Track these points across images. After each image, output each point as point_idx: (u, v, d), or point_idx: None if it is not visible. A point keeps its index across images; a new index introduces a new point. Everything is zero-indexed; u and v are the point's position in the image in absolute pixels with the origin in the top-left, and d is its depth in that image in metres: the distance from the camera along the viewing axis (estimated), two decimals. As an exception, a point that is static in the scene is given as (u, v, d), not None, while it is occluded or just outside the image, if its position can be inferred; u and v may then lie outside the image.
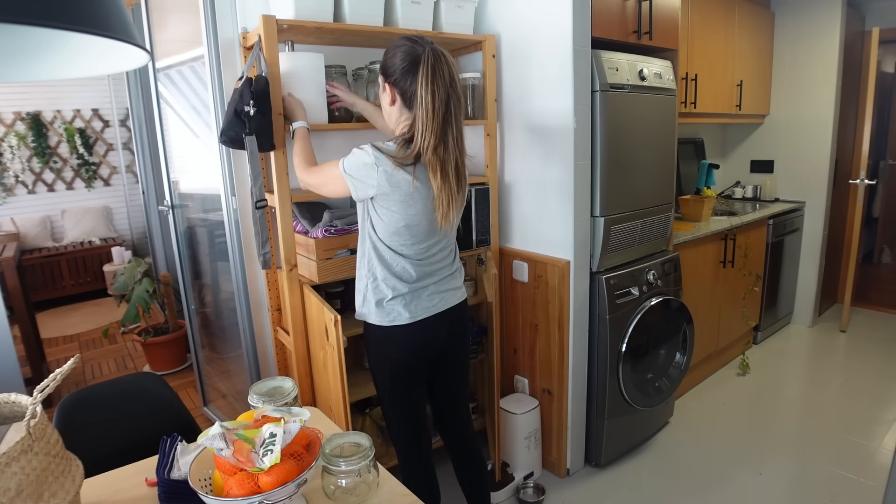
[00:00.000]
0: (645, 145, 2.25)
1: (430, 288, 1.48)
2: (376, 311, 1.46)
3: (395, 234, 1.40)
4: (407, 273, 1.44)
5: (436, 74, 1.29)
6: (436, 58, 1.30)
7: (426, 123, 1.30)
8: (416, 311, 1.46)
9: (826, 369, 3.20)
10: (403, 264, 1.43)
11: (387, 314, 1.45)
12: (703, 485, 2.20)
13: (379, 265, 1.44)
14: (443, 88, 1.30)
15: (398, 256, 1.42)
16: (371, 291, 1.46)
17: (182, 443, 1.14)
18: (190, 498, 0.97)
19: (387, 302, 1.44)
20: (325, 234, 1.82)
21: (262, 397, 1.18)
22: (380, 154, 1.33)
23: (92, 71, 0.87)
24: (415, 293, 1.46)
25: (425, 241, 1.44)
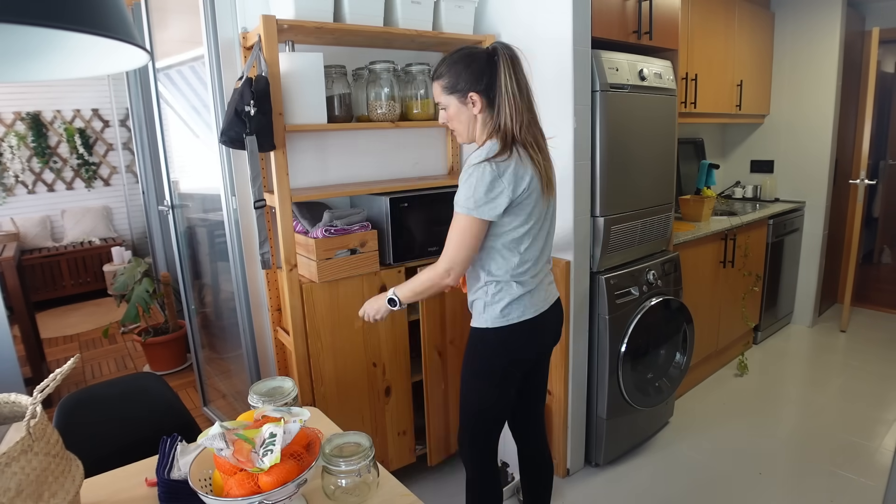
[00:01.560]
0: (645, 145, 2.25)
1: (545, 282, 1.50)
2: (499, 315, 1.44)
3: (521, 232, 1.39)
4: (530, 269, 1.44)
5: (515, 63, 1.35)
6: (510, 50, 1.36)
7: (514, 107, 1.34)
8: (538, 306, 1.47)
9: (826, 369, 3.20)
10: (525, 261, 1.42)
11: (511, 313, 1.44)
12: (702, 485, 2.20)
13: (501, 269, 1.42)
14: (523, 75, 1.37)
15: (522, 255, 1.41)
16: (496, 294, 1.44)
17: (182, 443, 1.14)
18: (190, 498, 0.97)
19: (516, 300, 1.43)
20: (325, 234, 1.81)
21: (262, 397, 1.19)
22: (494, 163, 1.31)
23: (92, 71, 0.87)
24: (536, 288, 1.46)
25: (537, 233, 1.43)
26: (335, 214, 1.86)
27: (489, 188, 1.31)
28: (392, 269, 2.02)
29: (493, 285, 1.44)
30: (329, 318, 1.90)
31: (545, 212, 1.44)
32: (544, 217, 1.45)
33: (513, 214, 1.37)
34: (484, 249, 1.42)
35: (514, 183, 1.32)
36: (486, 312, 1.46)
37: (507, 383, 1.52)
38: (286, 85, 1.75)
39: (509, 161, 1.32)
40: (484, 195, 1.31)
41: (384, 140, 2.28)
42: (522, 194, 1.34)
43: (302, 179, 2.09)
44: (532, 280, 1.45)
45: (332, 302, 1.90)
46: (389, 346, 2.06)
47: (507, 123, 1.35)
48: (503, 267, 1.42)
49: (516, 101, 1.34)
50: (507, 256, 1.41)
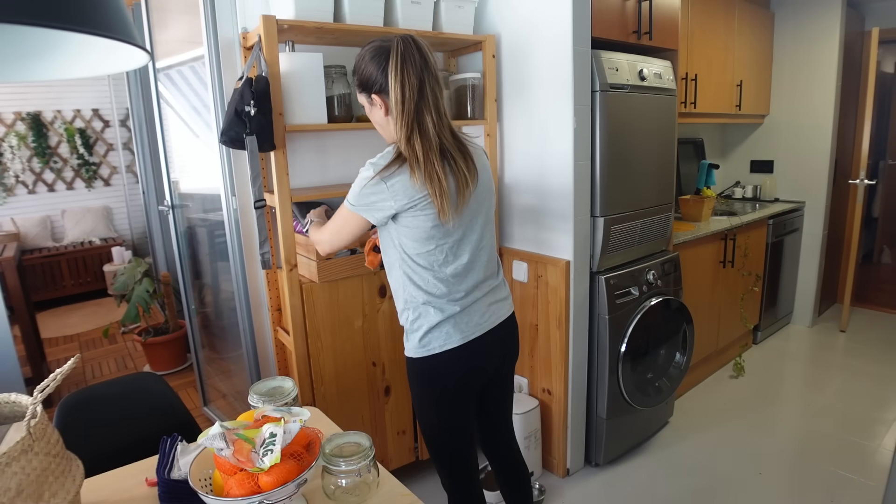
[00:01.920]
0: (645, 145, 2.25)
1: (482, 302, 1.35)
2: (419, 344, 1.33)
3: (426, 247, 1.26)
4: (452, 289, 1.30)
5: (405, 61, 1.19)
6: (405, 45, 1.20)
7: (398, 115, 1.21)
8: (468, 331, 1.32)
9: (826, 369, 3.20)
10: (445, 280, 1.29)
11: (430, 342, 1.31)
12: (702, 485, 2.20)
13: (419, 290, 1.30)
14: (414, 75, 1.19)
15: (437, 272, 1.28)
16: (414, 322, 1.32)
17: (182, 443, 1.14)
18: (190, 498, 0.98)
19: (435, 327, 1.30)
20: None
21: (262, 397, 1.19)
22: (378, 166, 1.23)
23: (92, 71, 0.87)
24: (465, 311, 1.32)
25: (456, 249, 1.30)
26: (331, 212, 1.83)
27: (371, 191, 1.23)
28: (392, 269, 2.02)
29: (412, 311, 1.32)
30: (329, 318, 1.90)
31: (470, 222, 1.31)
32: (468, 227, 1.30)
33: (408, 227, 1.25)
34: (397, 266, 1.32)
35: (403, 193, 1.21)
36: (408, 340, 1.36)
37: (458, 413, 1.39)
38: (286, 85, 1.75)
39: (397, 172, 1.21)
40: (364, 196, 1.24)
41: (384, 140, 2.28)
42: (415, 208, 1.22)
43: (302, 179, 2.09)
44: (456, 303, 1.30)
45: (332, 302, 1.90)
46: (389, 346, 2.06)
47: (394, 134, 1.24)
48: (421, 287, 1.29)
49: (404, 105, 1.20)
50: (423, 275, 1.28)
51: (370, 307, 1.99)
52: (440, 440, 1.43)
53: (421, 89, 1.21)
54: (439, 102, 1.24)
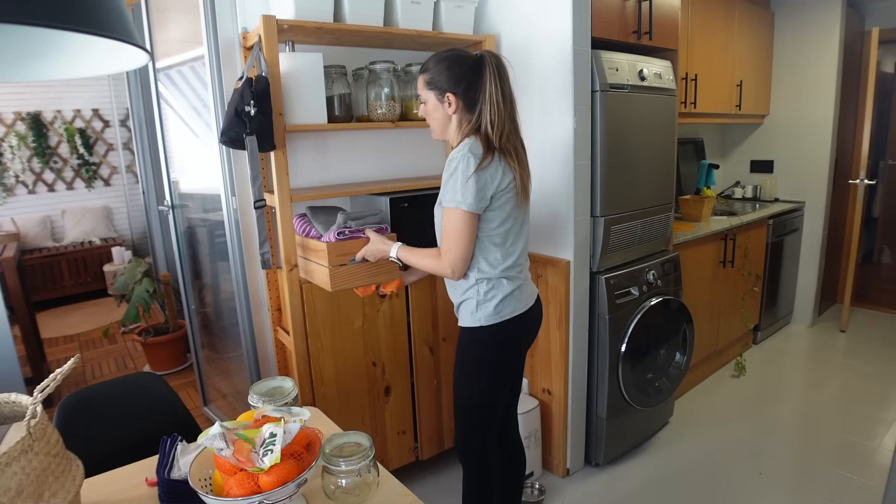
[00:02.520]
0: (645, 145, 2.25)
1: (529, 278, 1.56)
2: (493, 312, 1.46)
3: (504, 226, 1.43)
4: (516, 263, 1.47)
5: (501, 73, 1.39)
6: (498, 59, 1.41)
7: (497, 114, 1.38)
8: (526, 300, 1.51)
9: (826, 369, 3.20)
10: (512, 256, 1.46)
11: (503, 309, 1.46)
12: (703, 485, 2.20)
13: (491, 267, 1.44)
14: (508, 85, 1.41)
15: (507, 250, 1.45)
16: (488, 293, 1.45)
17: (182, 443, 1.14)
18: (190, 498, 0.98)
19: (508, 296, 1.46)
20: (338, 238, 1.65)
21: (262, 397, 1.19)
22: (477, 157, 1.35)
23: (92, 71, 0.87)
24: (524, 284, 1.51)
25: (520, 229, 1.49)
26: (350, 216, 1.71)
27: (476, 179, 1.34)
28: (392, 269, 2.02)
29: (485, 283, 1.45)
30: (329, 318, 1.90)
31: (522, 216, 1.50)
32: (522, 220, 1.51)
33: (497, 209, 1.41)
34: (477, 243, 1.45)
35: (497, 177, 1.37)
36: (478, 311, 1.47)
37: (503, 380, 1.54)
38: (286, 85, 1.75)
39: (491, 160, 1.37)
40: (472, 187, 1.34)
41: (384, 140, 2.28)
42: (506, 190, 1.39)
43: (302, 179, 2.09)
44: (520, 276, 1.49)
45: (333, 302, 1.90)
46: (389, 346, 2.06)
47: (488, 129, 1.39)
48: (493, 263, 1.44)
49: (500, 108, 1.38)
50: (496, 253, 1.44)
51: (370, 307, 1.99)
52: (486, 413, 1.55)
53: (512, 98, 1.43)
54: (516, 116, 1.45)
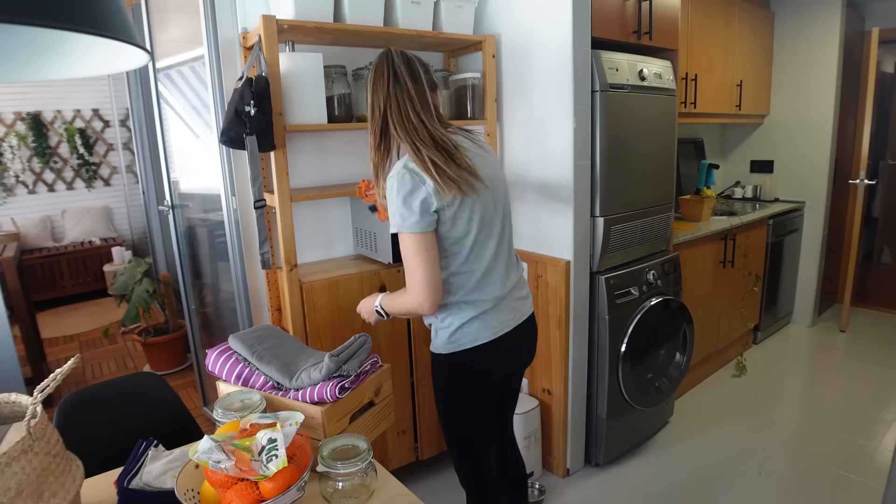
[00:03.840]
0: (645, 145, 2.25)
1: (508, 298, 1.37)
2: (447, 340, 1.34)
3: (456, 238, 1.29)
4: (478, 286, 1.32)
5: (375, 79, 1.29)
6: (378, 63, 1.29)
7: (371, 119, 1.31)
8: (497, 327, 1.34)
9: (826, 369, 3.20)
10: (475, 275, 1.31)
11: (461, 339, 1.33)
12: (702, 485, 2.20)
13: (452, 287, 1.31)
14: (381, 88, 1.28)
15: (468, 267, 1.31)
16: (441, 320, 1.34)
17: (155, 448, 1.11)
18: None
19: (462, 326, 1.32)
20: (339, 394, 1.15)
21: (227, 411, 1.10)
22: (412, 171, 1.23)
23: (92, 71, 0.87)
24: (494, 308, 1.34)
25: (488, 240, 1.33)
26: (342, 354, 1.20)
27: (409, 196, 1.21)
28: (392, 268, 2.02)
29: (441, 309, 1.32)
30: (329, 318, 1.90)
31: (490, 212, 1.32)
32: (491, 218, 1.33)
33: (444, 222, 1.26)
34: None
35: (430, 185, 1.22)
36: (437, 337, 1.37)
37: (474, 411, 1.41)
38: (286, 85, 1.75)
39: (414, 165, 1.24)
40: (405, 206, 1.21)
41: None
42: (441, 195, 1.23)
43: (302, 179, 2.09)
44: (484, 297, 1.32)
45: (332, 302, 1.90)
46: (389, 346, 2.06)
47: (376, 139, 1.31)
48: (448, 286, 1.31)
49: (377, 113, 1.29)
50: (455, 274, 1.30)
51: (370, 307, 1.99)
52: (467, 443, 1.45)
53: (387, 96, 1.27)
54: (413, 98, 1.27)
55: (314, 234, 2.16)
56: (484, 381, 1.39)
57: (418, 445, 2.21)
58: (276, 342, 1.32)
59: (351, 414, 1.20)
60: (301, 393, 1.15)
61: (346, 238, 2.24)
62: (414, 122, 1.26)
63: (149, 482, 1.02)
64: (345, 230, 2.23)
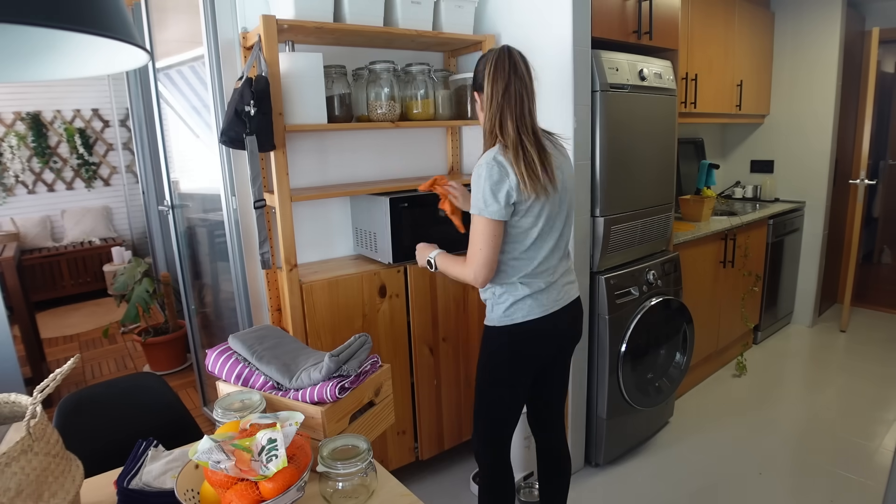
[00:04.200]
0: (645, 145, 2.25)
1: (558, 282, 1.50)
2: (503, 315, 1.47)
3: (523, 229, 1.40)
4: (534, 270, 1.44)
5: (497, 67, 1.38)
6: (502, 52, 1.41)
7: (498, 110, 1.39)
8: (547, 306, 1.47)
9: (826, 369, 3.20)
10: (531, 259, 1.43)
11: (514, 313, 1.46)
12: (703, 485, 2.20)
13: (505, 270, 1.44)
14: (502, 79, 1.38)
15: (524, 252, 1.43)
16: (497, 296, 1.47)
17: (155, 448, 1.10)
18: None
19: (516, 303, 1.45)
20: (339, 394, 1.12)
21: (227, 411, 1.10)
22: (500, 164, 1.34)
23: (92, 71, 0.87)
24: (546, 289, 1.47)
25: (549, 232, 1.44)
26: (342, 354, 1.17)
27: (495, 186, 1.33)
28: (392, 268, 2.02)
29: (499, 286, 1.46)
30: (329, 318, 1.90)
31: (556, 211, 1.44)
32: (555, 216, 1.45)
33: (517, 213, 1.38)
34: None
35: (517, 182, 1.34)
36: (493, 311, 1.50)
37: (515, 383, 1.53)
38: (286, 85, 1.75)
39: (507, 157, 1.35)
40: (494, 194, 1.34)
41: (384, 140, 2.28)
42: (523, 194, 1.36)
43: (302, 179, 2.09)
44: (538, 281, 1.46)
45: (332, 302, 1.90)
46: (389, 346, 2.06)
47: (496, 128, 1.39)
48: (514, 267, 1.44)
49: (499, 104, 1.37)
50: (516, 258, 1.43)
51: (370, 307, 1.99)
52: (498, 412, 1.56)
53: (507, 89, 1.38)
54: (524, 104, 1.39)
55: (314, 234, 2.16)
56: (528, 354, 1.51)
57: (418, 445, 2.21)
58: (276, 342, 1.32)
59: (351, 414, 1.19)
60: (301, 393, 1.15)
61: (346, 238, 2.24)
62: (526, 118, 1.39)
63: (149, 482, 1.02)
64: (345, 230, 2.23)
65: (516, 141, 1.36)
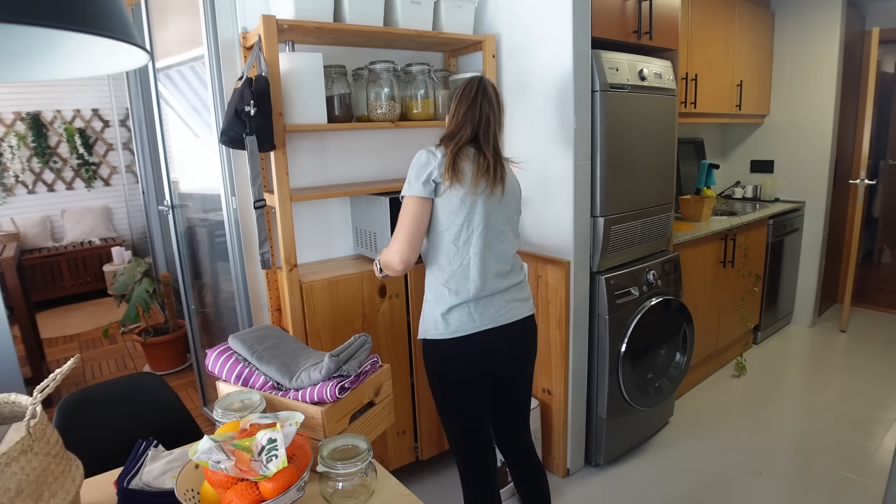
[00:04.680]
0: (645, 145, 2.25)
1: (499, 297, 1.45)
2: (431, 325, 1.45)
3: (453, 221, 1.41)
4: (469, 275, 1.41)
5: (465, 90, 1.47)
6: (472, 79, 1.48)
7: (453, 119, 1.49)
8: (478, 322, 1.42)
9: (826, 369, 3.20)
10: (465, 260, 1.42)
11: (439, 326, 1.42)
12: (703, 485, 2.20)
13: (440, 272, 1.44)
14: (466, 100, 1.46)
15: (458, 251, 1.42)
16: (428, 303, 1.46)
17: (155, 448, 1.10)
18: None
19: (449, 311, 1.42)
20: (339, 394, 1.13)
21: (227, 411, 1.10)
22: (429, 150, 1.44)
23: (92, 71, 0.87)
24: (481, 301, 1.43)
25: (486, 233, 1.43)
26: (342, 354, 1.18)
27: (421, 169, 1.41)
28: (392, 269, 2.02)
29: (431, 290, 1.46)
30: (329, 318, 1.90)
31: (495, 217, 1.44)
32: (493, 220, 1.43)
33: (439, 193, 1.40)
34: (430, 243, 1.46)
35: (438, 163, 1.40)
36: (423, 321, 1.48)
37: (457, 400, 1.48)
38: (286, 85, 1.75)
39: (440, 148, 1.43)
40: (416, 175, 1.41)
41: (384, 140, 2.28)
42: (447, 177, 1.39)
43: (302, 179, 2.09)
44: (472, 288, 1.41)
45: (332, 302, 1.90)
46: (389, 346, 2.06)
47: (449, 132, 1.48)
48: (444, 268, 1.43)
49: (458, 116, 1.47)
50: (450, 253, 1.42)
51: (370, 307, 1.99)
52: (449, 425, 1.53)
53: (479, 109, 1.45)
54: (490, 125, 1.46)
55: (314, 234, 2.16)
56: (457, 371, 1.46)
57: (418, 445, 2.21)
58: (276, 342, 1.32)
59: (351, 414, 1.19)
60: (301, 393, 1.15)
61: (346, 238, 2.24)
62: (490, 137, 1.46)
63: (148, 482, 1.02)
64: (345, 230, 2.23)
65: (464, 146, 1.42)
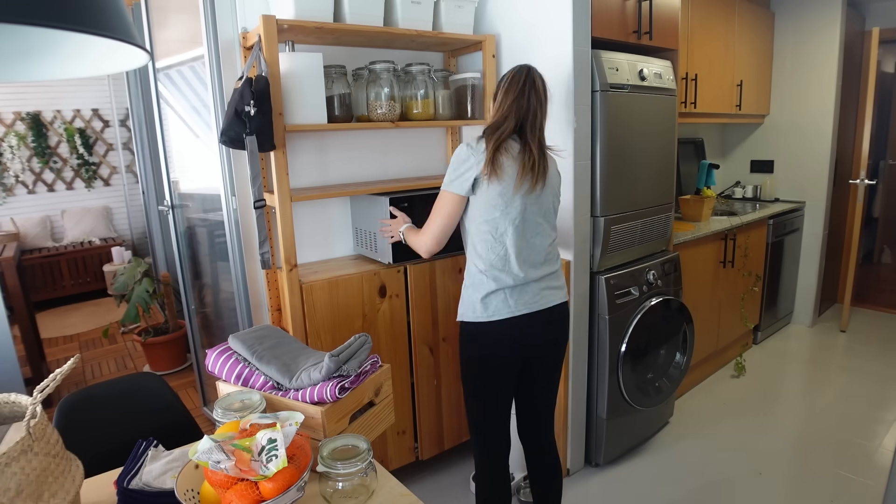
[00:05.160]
0: (645, 145, 2.25)
1: (534, 284, 1.50)
2: (470, 309, 1.49)
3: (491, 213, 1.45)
4: (509, 264, 1.46)
5: (513, 80, 1.52)
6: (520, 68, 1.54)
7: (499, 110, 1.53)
8: (514, 308, 1.48)
9: (826, 369, 3.20)
10: (506, 249, 1.46)
11: (479, 310, 1.48)
12: (703, 485, 2.20)
13: (480, 259, 1.48)
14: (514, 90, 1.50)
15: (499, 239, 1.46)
16: (467, 287, 1.51)
17: (155, 448, 1.10)
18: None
19: (486, 297, 1.47)
20: (339, 394, 1.12)
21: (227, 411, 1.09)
22: (469, 145, 1.46)
23: (92, 71, 0.87)
24: (517, 287, 1.48)
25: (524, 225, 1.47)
26: (342, 354, 1.17)
27: (461, 165, 1.44)
28: (392, 268, 2.02)
29: (470, 276, 1.51)
30: (329, 318, 1.90)
31: (535, 209, 1.49)
32: (532, 213, 1.48)
33: (481, 194, 1.44)
34: (469, 233, 1.51)
35: (480, 162, 1.42)
36: (462, 305, 1.54)
37: (487, 381, 1.53)
38: (286, 85, 1.75)
39: (482, 143, 1.45)
40: (455, 170, 1.45)
41: (384, 140, 2.28)
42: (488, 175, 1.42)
43: (302, 179, 2.09)
44: (508, 276, 1.47)
45: (332, 302, 1.90)
46: (389, 346, 2.06)
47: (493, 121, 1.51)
48: (483, 256, 1.47)
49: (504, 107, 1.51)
50: (488, 243, 1.46)
51: (370, 307, 1.99)
52: (473, 405, 1.57)
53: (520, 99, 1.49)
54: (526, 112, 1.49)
55: (314, 234, 2.16)
56: (494, 353, 1.51)
57: (418, 445, 2.21)
58: (276, 342, 1.32)
59: (351, 414, 1.18)
60: (301, 393, 1.14)
61: (346, 238, 2.24)
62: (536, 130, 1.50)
63: (148, 482, 1.02)
64: (345, 230, 2.23)
65: (506, 139, 1.45)
